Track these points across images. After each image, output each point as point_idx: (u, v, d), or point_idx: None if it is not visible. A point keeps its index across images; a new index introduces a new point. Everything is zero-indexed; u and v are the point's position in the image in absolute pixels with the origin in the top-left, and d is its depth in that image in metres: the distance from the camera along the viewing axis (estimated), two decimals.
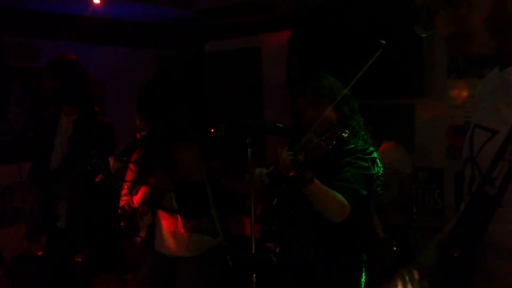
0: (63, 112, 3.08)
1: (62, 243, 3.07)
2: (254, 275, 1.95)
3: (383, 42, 1.84)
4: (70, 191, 2.81)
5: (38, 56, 4.44)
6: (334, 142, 2.00)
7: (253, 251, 2.06)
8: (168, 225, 2.67)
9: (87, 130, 2.97)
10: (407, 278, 1.12)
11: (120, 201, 2.76)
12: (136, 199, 2.65)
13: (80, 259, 3.32)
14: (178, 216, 2.60)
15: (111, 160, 2.54)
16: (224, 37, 5.57)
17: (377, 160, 2.21)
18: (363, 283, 2.30)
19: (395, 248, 3.53)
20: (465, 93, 4.10)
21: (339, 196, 1.99)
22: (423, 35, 1.22)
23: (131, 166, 2.60)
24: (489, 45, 1.09)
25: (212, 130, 2.26)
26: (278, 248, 2.33)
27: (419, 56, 4.19)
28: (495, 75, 1.19)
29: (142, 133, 2.60)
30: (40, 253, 3.87)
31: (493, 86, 1.18)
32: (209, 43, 5.73)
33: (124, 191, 2.73)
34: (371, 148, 2.20)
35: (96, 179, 2.69)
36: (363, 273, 2.29)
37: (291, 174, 1.88)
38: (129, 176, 2.55)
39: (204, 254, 2.63)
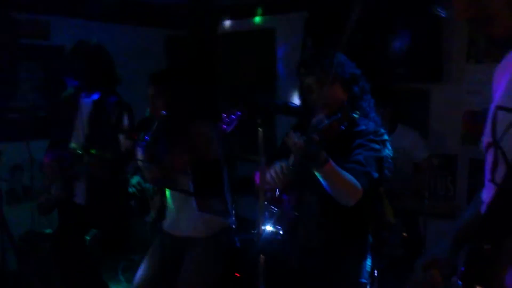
0: (84, 92, 3.13)
1: (78, 219, 3.11)
2: (262, 256, 1.91)
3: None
4: (104, 172, 2.85)
5: (48, 33, 4.40)
6: (346, 123, 1.94)
7: (261, 234, 2.01)
8: (179, 206, 2.64)
9: (107, 110, 3.02)
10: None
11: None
12: (148, 178, 2.62)
13: (89, 238, 3.35)
14: (190, 197, 2.57)
15: (121, 137, 2.51)
16: (238, 18, 5.48)
17: (388, 142, 2.14)
18: (369, 267, 2.25)
19: (404, 234, 3.49)
20: (483, 79, 4.00)
21: (352, 179, 1.94)
22: (442, 16, 1.15)
23: (143, 145, 2.56)
24: (509, 26, 1.04)
25: (225, 116, 2.20)
26: (283, 231, 2.29)
27: (437, 40, 4.08)
28: None
29: (161, 112, 2.58)
30: (48, 231, 3.92)
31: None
32: (223, 23, 5.65)
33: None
34: (382, 130, 2.13)
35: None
36: (369, 257, 2.24)
37: (305, 154, 1.82)
38: (139, 154, 2.52)
39: (213, 235, 2.61)
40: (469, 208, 1.26)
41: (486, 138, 1.14)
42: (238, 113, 1.91)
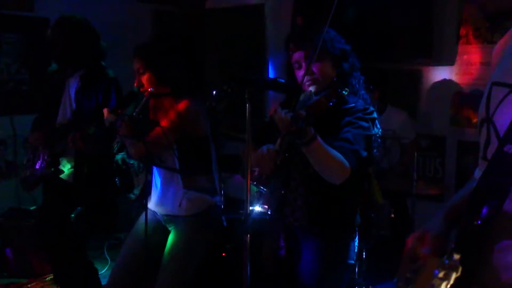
0: (70, 67, 3.08)
1: (64, 196, 3.08)
2: (248, 236, 1.88)
3: None
4: (93, 148, 2.80)
5: (32, 5, 4.28)
6: (335, 100, 1.90)
7: (248, 213, 1.98)
8: (164, 182, 2.60)
9: (94, 85, 2.98)
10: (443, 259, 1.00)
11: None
12: (132, 154, 2.56)
13: (74, 216, 3.30)
14: (176, 174, 2.53)
15: (105, 111, 2.45)
16: None
17: (377, 120, 2.11)
18: (357, 248, 2.24)
19: (393, 215, 3.49)
20: (474, 60, 3.97)
21: (341, 157, 1.90)
22: None
23: (127, 119, 2.50)
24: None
25: (214, 93, 2.14)
26: (270, 210, 2.26)
27: (428, 20, 4.04)
28: None
29: (146, 87, 2.52)
30: (33, 207, 3.87)
31: None
32: None
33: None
34: (371, 108, 2.10)
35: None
36: (356, 237, 2.22)
37: (292, 130, 1.78)
38: (124, 130, 2.46)
39: (199, 213, 2.57)
40: (464, 188, 1.23)
41: (480, 115, 1.11)
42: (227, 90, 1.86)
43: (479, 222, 0.94)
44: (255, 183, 2.19)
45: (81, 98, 2.99)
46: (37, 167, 3.09)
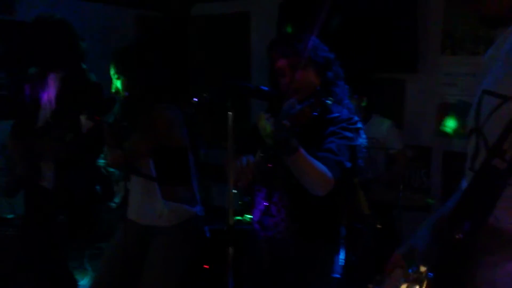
0: (51, 70, 2.99)
1: (45, 204, 3.00)
2: (231, 248, 1.82)
3: None
4: (58, 150, 2.73)
5: (13, 8, 4.21)
6: (319, 109, 1.85)
7: (231, 223, 1.92)
8: (143, 192, 2.54)
9: (75, 88, 2.89)
10: (408, 267, 0.97)
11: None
12: (110, 162, 2.50)
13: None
14: (154, 183, 2.46)
15: (83, 118, 2.38)
16: (212, 0, 5.35)
17: (361, 130, 2.07)
18: (342, 261, 2.19)
19: (379, 226, 3.45)
20: (458, 70, 3.99)
21: (324, 168, 1.86)
22: None
23: (104, 126, 2.44)
24: (501, 4, 0.99)
25: (195, 100, 2.10)
26: (254, 221, 2.20)
27: (413, 30, 4.07)
28: (509, 38, 1.05)
29: (123, 93, 2.46)
30: (10, 216, 3.77)
31: (506, 50, 1.04)
32: (196, 5, 5.51)
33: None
34: (356, 118, 2.06)
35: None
36: (342, 251, 2.17)
37: (275, 141, 1.73)
38: (105, 137, 2.41)
39: (180, 224, 2.51)
40: (450, 199, 1.19)
41: (470, 124, 1.07)
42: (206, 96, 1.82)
43: (461, 236, 0.90)
44: (238, 192, 2.15)
45: (60, 102, 2.91)
46: (17, 172, 3.01)
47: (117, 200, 2.70)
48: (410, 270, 0.90)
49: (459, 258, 0.92)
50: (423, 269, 0.90)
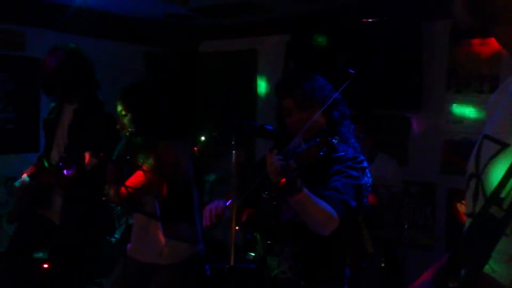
0: (66, 101, 3.01)
1: (40, 236, 3.03)
2: None
3: (352, 72, 1.71)
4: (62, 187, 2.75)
5: (23, 44, 4.29)
6: (325, 149, 1.85)
7: (232, 262, 1.90)
8: (144, 229, 2.51)
9: (87, 120, 2.90)
10: None
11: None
12: (113, 198, 2.49)
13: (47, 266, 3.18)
14: (156, 221, 2.44)
15: (87, 155, 2.38)
16: (220, 38, 5.44)
17: (367, 169, 2.06)
18: None
19: (383, 264, 3.40)
20: (463, 108, 4.00)
21: (328, 207, 1.84)
22: None
23: (110, 164, 2.44)
24: (464, 19, 1.01)
25: (202, 139, 2.11)
26: (257, 260, 2.17)
27: (418, 68, 4.10)
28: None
29: (128, 129, 2.47)
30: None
31: (508, 95, 1.04)
32: (204, 42, 5.59)
33: None
34: (361, 157, 2.05)
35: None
36: None
37: (281, 182, 1.72)
38: (106, 174, 2.40)
39: (180, 263, 2.48)
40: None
41: (470, 168, 1.06)
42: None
43: (455, 285, 0.88)
44: (241, 230, 2.12)
45: (73, 133, 2.92)
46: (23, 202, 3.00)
47: (117, 235, 2.68)
48: None
49: None
50: None
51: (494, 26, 0.99)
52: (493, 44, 3.64)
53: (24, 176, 2.93)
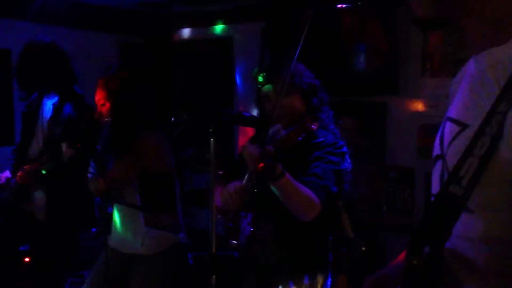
0: (45, 95, 2.99)
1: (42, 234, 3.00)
2: (214, 276, 1.79)
3: (308, 12, 1.70)
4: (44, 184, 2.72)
5: None
6: (304, 135, 1.86)
7: (214, 250, 1.89)
8: (125, 220, 2.49)
9: (66, 113, 2.88)
10: None
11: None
12: (93, 189, 2.46)
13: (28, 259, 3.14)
14: (137, 211, 2.42)
15: (64, 146, 2.35)
16: (194, 25, 5.38)
17: (347, 155, 2.07)
18: (328, 286, 2.16)
19: (363, 248, 3.44)
20: (439, 92, 4.04)
21: (310, 193, 1.85)
22: None
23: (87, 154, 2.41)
24: (427, 9, 0.97)
25: (172, 119, 2.10)
26: (240, 248, 2.17)
27: (393, 54, 4.12)
28: (475, 63, 1.06)
29: (105, 119, 2.44)
30: None
31: (470, 75, 1.05)
32: (179, 31, 5.53)
33: None
34: (341, 142, 2.07)
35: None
36: (329, 276, 2.15)
37: (259, 167, 1.72)
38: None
39: (162, 252, 2.47)
40: None
41: (435, 150, 1.08)
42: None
43: (419, 261, 0.89)
44: (223, 218, 2.12)
45: (52, 127, 2.90)
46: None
47: (98, 227, 2.66)
48: None
49: (418, 285, 0.91)
50: None
51: (464, 19, 0.98)
52: None
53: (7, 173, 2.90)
